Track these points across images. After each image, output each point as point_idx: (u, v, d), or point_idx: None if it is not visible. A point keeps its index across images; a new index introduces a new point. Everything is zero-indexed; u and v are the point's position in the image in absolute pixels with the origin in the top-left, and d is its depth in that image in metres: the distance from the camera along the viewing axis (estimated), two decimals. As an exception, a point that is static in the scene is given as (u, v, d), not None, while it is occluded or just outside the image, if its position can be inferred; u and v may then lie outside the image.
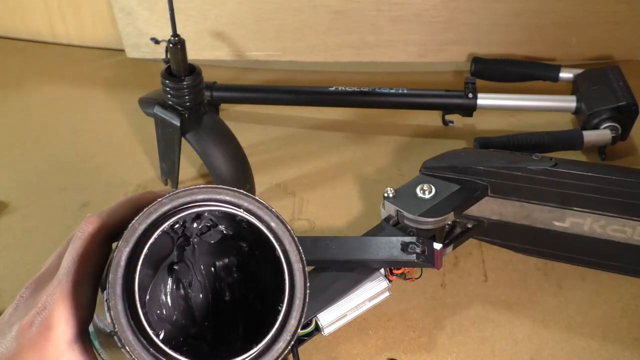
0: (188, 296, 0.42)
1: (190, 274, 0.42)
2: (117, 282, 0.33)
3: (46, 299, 0.35)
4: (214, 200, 0.35)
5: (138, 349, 0.32)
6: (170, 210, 0.35)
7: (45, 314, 0.34)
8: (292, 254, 0.36)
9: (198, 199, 0.35)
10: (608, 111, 0.80)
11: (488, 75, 0.95)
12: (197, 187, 0.35)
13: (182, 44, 0.66)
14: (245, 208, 0.36)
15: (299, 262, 0.36)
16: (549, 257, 0.68)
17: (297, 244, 0.36)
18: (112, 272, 0.33)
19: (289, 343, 0.34)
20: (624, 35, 0.98)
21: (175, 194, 0.35)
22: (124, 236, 0.34)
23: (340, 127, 0.90)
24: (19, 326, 0.34)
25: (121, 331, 0.32)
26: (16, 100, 0.97)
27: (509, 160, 0.64)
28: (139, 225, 0.34)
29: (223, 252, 0.42)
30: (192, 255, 0.42)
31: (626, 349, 0.59)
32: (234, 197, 0.36)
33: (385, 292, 0.58)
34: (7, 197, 0.77)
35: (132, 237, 0.34)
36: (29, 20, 1.09)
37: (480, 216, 0.66)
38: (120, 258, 0.33)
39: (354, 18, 0.96)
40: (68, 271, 0.35)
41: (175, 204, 0.35)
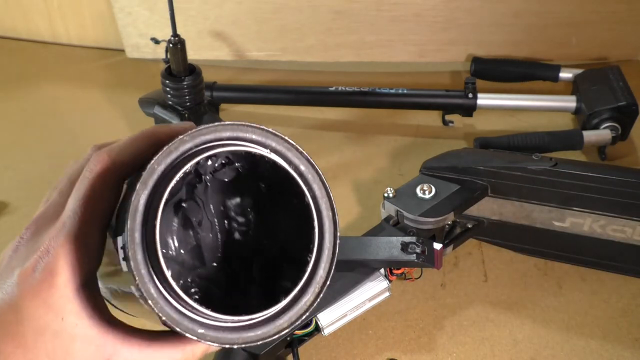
0: (197, 236, 0.39)
1: (200, 212, 0.39)
2: (136, 229, 0.30)
3: (49, 242, 0.32)
4: (240, 139, 0.32)
5: (161, 303, 0.30)
6: (191, 148, 0.31)
7: (48, 258, 0.31)
8: (321, 201, 0.33)
9: (223, 136, 0.32)
10: (608, 111, 0.80)
11: (488, 75, 0.95)
12: (222, 124, 0.32)
13: (182, 44, 0.66)
14: (273, 148, 0.33)
15: (329, 209, 0.33)
16: (549, 257, 0.68)
17: (328, 190, 0.33)
18: (130, 219, 0.30)
19: (318, 295, 0.32)
20: (624, 35, 0.98)
21: (197, 131, 0.31)
22: (142, 178, 0.30)
23: (340, 127, 0.90)
24: (21, 271, 0.32)
25: (142, 283, 0.29)
26: (16, 100, 0.97)
27: (509, 160, 0.64)
28: (157, 165, 0.30)
29: (237, 190, 0.39)
30: (204, 194, 0.39)
31: (626, 349, 0.59)
32: (260, 136, 0.33)
33: (385, 292, 0.58)
34: (7, 197, 0.77)
35: (151, 179, 0.30)
36: (29, 20, 1.09)
37: (480, 216, 0.66)
38: (138, 202, 0.30)
39: (354, 18, 0.96)
40: (74, 213, 0.32)
41: (197, 141, 0.31)
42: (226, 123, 0.32)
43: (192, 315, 0.30)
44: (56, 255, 0.31)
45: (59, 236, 0.32)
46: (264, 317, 0.31)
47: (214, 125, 0.32)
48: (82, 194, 0.33)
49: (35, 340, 0.31)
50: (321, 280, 0.32)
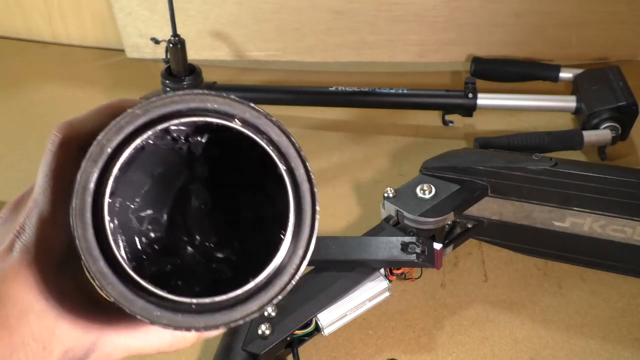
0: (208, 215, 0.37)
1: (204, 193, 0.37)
2: (86, 208, 0.28)
3: (24, 220, 0.31)
4: (201, 110, 0.29)
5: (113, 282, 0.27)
6: (145, 123, 0.29)
7: (25, 237, 0.31)
8: (298, 172, 0.30)
9: (180, 109, 0.29)
10: (608, 111, 0.80)
11: (488, 75, 0.95)
12: (178, 94, 0.29)
13: (182, 44, 0.66)
14: (240, 118, 0.30)
15: (306, 181, 0.30)
16: (549, 257, 0.68)
17: (305, 160, 0.31)
18: (77, 197, 0.28)
19: (293, 276, 0.29)
20: (624, 35, 0.98)
21: (150, 103, 0.29)
22: (89, 154, 0.28)
23: (340, 127, 0.90)
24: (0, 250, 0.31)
25: (90, 263, 0.27)
26: (16, 100, 0.97)
27: (509, 160, 0.64)
28: (107, 141, 0.28)
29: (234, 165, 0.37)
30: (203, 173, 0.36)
31: (626, 349, 0.59)
32: (224, 105, 0.30)
33: (385, 292, 0.58)
34: (7, 197, 0.77)
35: (101, 156, 0.28)
36: (29, 20, 1.09)
37: (480, 216, 0.66)
38: (87, 180, 0.28)
39: (354, 18, 0.96)
40: (43, 189, 0.31)
41: (151, 115, 0.29)
42: (183, 92, 0.29)
43: (147, 297, 0.28)
44: (31, 234, 0.31)
45: (31, 214, 0.31)
46: (231, 300, 0.28)
47: (168, 95, 0.29)
48: (46, 167, 0.32)
49: (19, 322, 0.30)
50: (298, 260, 0.29)
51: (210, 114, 0.29)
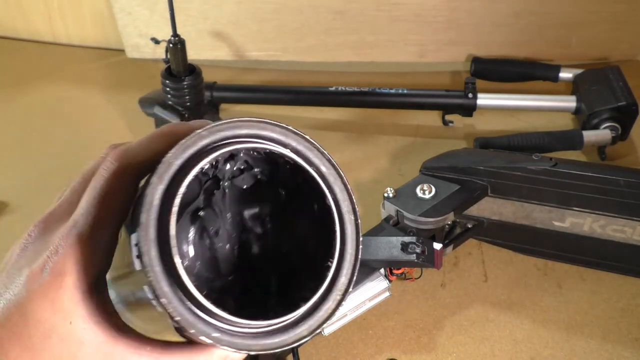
0: (213, 246, 0.37)
1: (217, 221, 0.37)
2: (150, 224, 0.28)
3: (59, 241, 0.31)
4: (259, 137, 0.31)
5: (175, 302, 0.28)
6: (209, 144, 0.30)
7: (57, 258, 0.30)
8: (343, 204, 0.31)
9: (241, 133, 0.30)
10: (608, 111, 0.80)
11: (488, 76, 0.95)
12: (240, 120, 0.30)
13: (182, 44, 0.66)
14: (293, 148, 0.31)
15: (351, 212, 0.31)
16: (549, 257, 0.68)
17: (350, 192, 0.32)
18: (144, 213, 0.28)
19: (339, 303, 0.30)
20: (624, 35, 0.98)
21: (216, 126, 0.30)
22: (157, 171, 0.29)
23: (340, 127, 0.90)
24: (29, 271, 0.30)
25: (155, 280, 0.28)
26: (16, 100, 0.97)
27: (509, 160, 0.64)
28: (175, 159, 0.29)
29: (256, 199, 0.38)
30: (222, 201, 0.37)
31: (626, 349, 0.59)
32: (280, 135, 0.31)
33: (385, 292, 0.58)
34: (7, 197, 0.77)
35: (167, 173, 0.29)
36: (29, 20, 1.09)
37: (480, 216, 0.66)
38: (153, 197, 0.28)
39: (354, 18, 0.96)
40: (87, 212, 0.31)
41: (215, 137, 0.30)
42: (245, 119, 0.31)
43: (207, 318, 0.28)
44: (66, 255, 0.30)
45: (69, 235, 0.31)
46: (283, 324, 0.30)
47: (232, 120, 0.30)
48: (97, 191, 0.31)
49: (42, 344, 0.30)
50: (343, 287, 0.31)
51: (266, 142, 0.31)
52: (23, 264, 0.31)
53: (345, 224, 0.32)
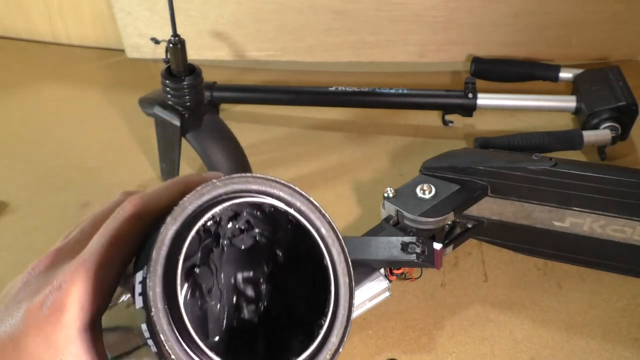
0: (204, 304, 0.38)
1: (211, 280, 0.38)
2: (160, 261, 0.29)
3: (64, 277, 0.31)
4: (267, 193, 0.32)
5: (172, 341, 0.28)
6: (222, 195, 0.32)
7: (59, 294, 0.31)
8: (339, 266, 0.33)
9: (252, 189, 0.32)
10: (608, 111, 0.80)
11: (488, 75, 0.95)
12: (252, 176, 0.32)
13: (182, 44, 0.66)
14: (297, 208, 0.33)
15: (346, 275, 0.33)
16: (549, 257, 0.68)
17: (347, 255, 0.34)
18: (155, 250, 0.29)
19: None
20: (624, 35, 0.98)
21: (229, 179, 0.32)
22: (172, 213, 0.30)
23: (340, 127, 0.90)
24: (29, 305, 0.31)
25: (157, 317, 0.28)
26: (16, 100, 0.97)
27: (509, 160, 0.64)
28: (189, 204, 0.30)
29: (252, 261, 0.39)
30: (219, 260, 0.38)
31: (626, 349, 0.59)
32: (287, 195, 0.33)
33: (385, 292, 0.58)
34: (7, 197, 0.77)
35: (181, 216, 0.30)
36: (29, 20, 1.09)
37: (480, 216, 0.66)
38: (165, 236, 0.29)
39: (354, 18, 0.96)
40: (96, 251, 0.32)
41: (228, 189, 0.32)
42: (257, 176, 0.32)
43: None
44: (67, 292, 0.31)
45: (75, 272, 0.31)
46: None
47: (245, 175, 0.32)
48: (109, 233, 0.32)
49: None
50: (334, 347, 0.31)
51: (274, 199, 0.33)
52: (23, 298, 0.32)
53: (339, 285, 0.33)
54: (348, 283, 0.33)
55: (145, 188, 0.81)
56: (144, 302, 0.29)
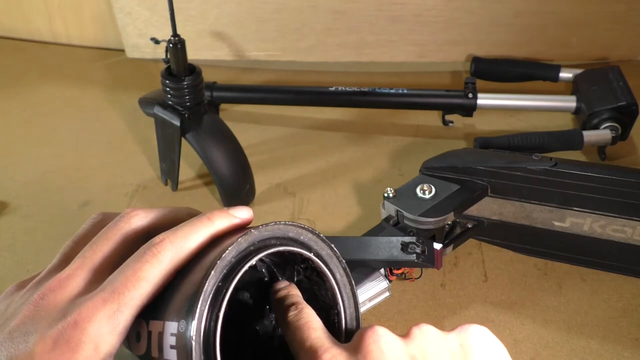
0: None
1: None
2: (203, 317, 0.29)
3: (79, 314, 0.30)
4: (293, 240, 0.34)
5: None
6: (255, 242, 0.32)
7: (74, 331, 0.29)
8: (349, 311, 0.35)
9: (280, 234, 0.34)
10: (608, 111, 0.80)
11: (488, 75, 0.95)
12: (284, 224, 0.34)
13: (182, 44, 0.66)
14: (317, 253, 0.35)
15: (355, 321, 0.35)
16: (549, 257, 0.68)
17: (357, 302, 0.35)
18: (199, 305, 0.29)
19: None
20: (624, 35, 0.98)
21: (263, 227, 0.33)
22: (215, 266, 0.30)
23: (340, 127, 0.90)
24: (39, 338, 0.29)
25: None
26: (16, 100, 0.97)
27: (508, 160, 0.64)
28: (229, 255, 0.31)
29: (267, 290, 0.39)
30: None
31: (626, 349, 0.59)
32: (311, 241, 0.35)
33: (385, 292, 0.58)
34: (7, 197, 0.77)
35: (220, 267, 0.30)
36: (29, 20, 1.09)
37: (480, 216, 0.66)
38: (207, 290, 0.29)
39: (354, 18, 0.96)
40: (119, 291, 0.31)
41: (261, 236, 0.33)
42: (287, 223, 0.34)
43: None
44: (84, 331, 0.29)
45: (94, 310, 0.30)
46: None
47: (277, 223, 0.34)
48: (135, 274, 0.31)
49: None
50: None
51: (297, 245, 0.34)
52: (32, 330, 0.30)
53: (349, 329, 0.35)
54: (356, 327, 0.35)
55: (145, 188, 0.81)
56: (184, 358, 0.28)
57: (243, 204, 0.74)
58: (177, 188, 0.78)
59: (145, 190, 0.79)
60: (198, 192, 0.78)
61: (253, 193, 0.76)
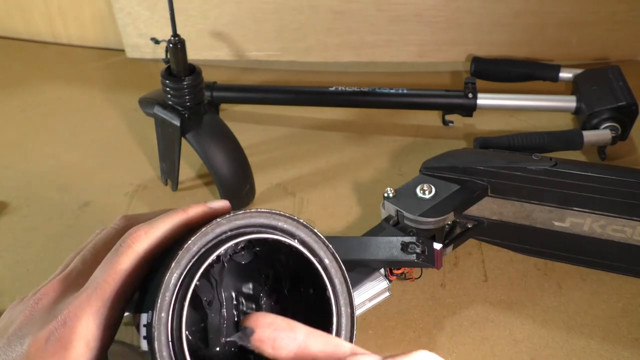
0: (205, 316, 0.39)
1: (212, 292, 0.39)
2: (164, 308, 0.29)
3: (68, 313, 0.31)
4: (271, 226, 0.34)
5: None
6: (226, 231, 0.32)
7: (64, 330, 0.30)
8: (341, 295, 0.34)
9: (255, 222, 0.33)
10: (608, 111, 0.80)
11: (488, 75, 0.95)
12: (257, 211, 0.33)
13: (182, 44, 0.66)
14: (301, 239, 0.34)
15: (348, 305, 0.34)
16: (549, 257, 0.68)
17: (349, 285, 0.34)
18: (160, 297, 0.29)
19: None
20: (624, 35, 0.98)
21: (233, 216, 0.33)
22: (177, 257, 0.30)
23: (340, 127, 0.90)
24: (33, 339, 0.30)
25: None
26: (16, 100, 0.97)
27: (508, 160, 0.64)
28: (193, 245, 0.31)
29: (252, 274, 0.40)
30: (219, 274, 0.39)
31: (626, 349, 0.59)
32: (291, 227, 0.34)
33: (385, 292, 0.58)
34: (7, 197, 0.77)
35: (185, 259, 0.31)
36: (29, 20, 1.09)
37: (480, 216, 0.66)
38: (170, 281, 0.30)
39: (354, 18, 0.96)
40: (101, 286, 0.32)
41: (232, 225, 0.33)
42: (261, 210, 0.33)
43: None
44: (73, 329, 0.30)
45: (80, 308, 0.31)
46: None
47: (249, 211, 0.33)
48: (114, 267, 0.32)
49: None
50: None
51: (277, 232, 0.34)
52: (26, 333, 0.31)
53: (341, 315, 0.34)
54: (350, 314, 0.34)
55: (145, 188, 0.81)
56: (149, 348, 0.29)
57: (243, 204, 0.75)
58: (177, 188, 0.78)
59: (145, 190, 0.79)
60: (198, 192, 0.78)
61: (253, 193, 0.76)
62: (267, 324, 0.29)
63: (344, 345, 0.29)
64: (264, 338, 0.29)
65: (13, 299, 0.37)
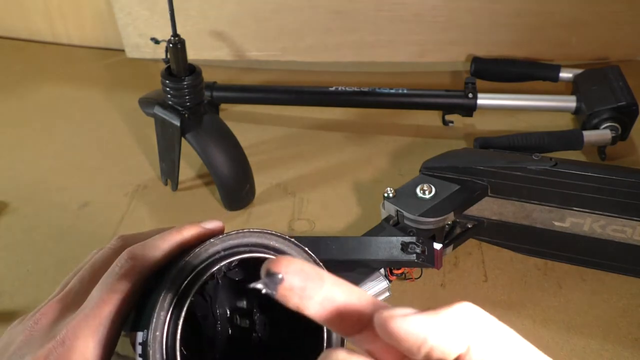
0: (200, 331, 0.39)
1: (207, 308, 0.40)
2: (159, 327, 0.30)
3: (66, 332, 0.32)
4: (262, 245, 0.34)
5: None
6: (220, 252, 0.33)
7: (63, 350, 0.31)
8: None
9: (247, 242, 0.34)
10: (608, 111, 0.80)
11: (488, 75, 0.95)
12: (248, 230, 0.34)
13: (182, 44, 0.66)
14: None
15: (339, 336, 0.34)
16: (549, 257, 0.68)
17: None
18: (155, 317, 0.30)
19: None
20: (624, 35, 0.98)
21: (227, 236, 0.34)
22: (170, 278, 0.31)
23: (340, 127, 0.90)
24: (32, 359, 0.31)
25: None
26: (16, 100, 0.97)
27: (509, 160, 0.64)
28: (188, 265, 0.32)
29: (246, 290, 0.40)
30: (214, 291, 0.40)
31: (626, 349, 0.59)
32: (282, 245, 0.35)
33: (385, 292, 0.58)
34: (7, 197, 0.77)
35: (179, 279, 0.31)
36: (29, 20, 1.09)
37: (480, 216, 0.66)
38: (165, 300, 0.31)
39: (354, 18, 0.96)
40: (99, 306, 0.32)
41: (225, 245, 0.34)
42: (253, 230, 0.34)
43: None
44: (71, 348, 0.31)
45: (78, 328, 0.32)
46: None
47: (242, 231, 0.34)
48: (109, 287, 0.33)
49: None
50: None
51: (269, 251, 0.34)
52: (26, 352, 0.32)
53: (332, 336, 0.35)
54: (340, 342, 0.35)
55: (145, 188, 0.81)
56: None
57: (243, 204, 0.75)
58: (177, 188, 0.78)
59: (145, 190, 0.79)
60: (198, 192, 0.78)
61: (253, 193, 0.76)
62: (297, 271, 0.26)
63: (367, 296, 0.28)
64: (294, 286, 0.26)
65: (13, 299, 0.37)
